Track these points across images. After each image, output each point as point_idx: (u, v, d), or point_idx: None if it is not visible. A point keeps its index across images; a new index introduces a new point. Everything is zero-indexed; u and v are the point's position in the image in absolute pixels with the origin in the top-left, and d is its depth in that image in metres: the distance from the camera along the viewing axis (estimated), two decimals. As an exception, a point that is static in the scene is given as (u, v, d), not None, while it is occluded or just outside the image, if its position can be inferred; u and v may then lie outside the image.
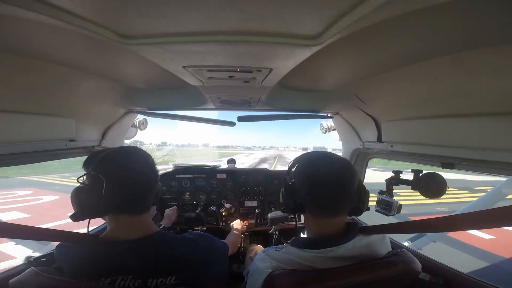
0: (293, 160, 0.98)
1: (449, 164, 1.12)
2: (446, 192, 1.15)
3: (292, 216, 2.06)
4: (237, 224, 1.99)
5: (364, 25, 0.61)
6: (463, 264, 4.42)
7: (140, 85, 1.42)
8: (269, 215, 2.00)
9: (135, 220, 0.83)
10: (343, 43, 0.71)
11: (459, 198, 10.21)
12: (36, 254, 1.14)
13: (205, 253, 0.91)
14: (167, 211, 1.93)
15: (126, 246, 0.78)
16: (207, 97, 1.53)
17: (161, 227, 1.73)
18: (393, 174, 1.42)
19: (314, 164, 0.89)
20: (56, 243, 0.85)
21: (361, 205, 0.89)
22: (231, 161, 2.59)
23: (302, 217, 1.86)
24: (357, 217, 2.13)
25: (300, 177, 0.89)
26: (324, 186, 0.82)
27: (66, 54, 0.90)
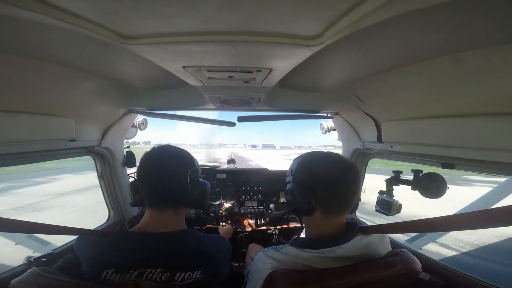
0: (299, 161, 0.95)
1: (449, 164, 1.12)
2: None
3: (294, 216, 2.08)
4: (225, 231, 1.88)
5: (364, 25, 0.61)
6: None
7: (140, 85, 1.42)
8: (270, 216, 2.00)
9: (161, 216, 0.88)
10: (343, 43, 0.71)
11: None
12: (37, 254, 1.14)
13: (224, 253, 0.97)
14: None
15: (156, 238, 0.82)
16: (207, 97, 1.53)
17: None
18: (393, 174, 1.42)
19: (329, 164, 0.87)
20: (56, 243, 0.86)
21: (357, 203, 0.96)
22: (231, 161, 2.60)
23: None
24: (357, 217, 2.13)
25: (315, 176, 0.85)
26: (341, 185, 0.83)
27: (66, 54, 0.90)
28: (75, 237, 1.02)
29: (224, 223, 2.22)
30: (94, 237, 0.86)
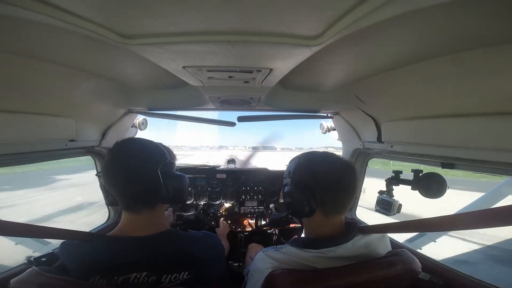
0: (296, 162, 0.94)
1: (449, 164, 1.12)
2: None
3: (291, 217, 2.07)
4: (222, 228, 1.92)
5: (364, 25, 0.61)
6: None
7: (140, 85, 1.42)
8: (270, 217, 2.00)
9: (138, 219, 0.83)
10: (343, 43, 0.71)
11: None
12: (37, 254, 1.14)
13: (212, 250, 0.94)
14: (165, 212, 1.92)
15: (137, 243, 0.79)
16: (207, 97, 1.53)
17: None
18: (393, 174, 1.42)
19: (328, 164, 0.87)
20: (56, 243, 0.85)
21: (355, 202, 0.96)
22: (231, 161, 2.60)
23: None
24: (357, 216, 2.13)
25: (315, 177, 0.85)
26: (340, 185, 0.84)
27: (66, 54, 0.90)
28: None
29: None
30: (77, 243, 0.80)
